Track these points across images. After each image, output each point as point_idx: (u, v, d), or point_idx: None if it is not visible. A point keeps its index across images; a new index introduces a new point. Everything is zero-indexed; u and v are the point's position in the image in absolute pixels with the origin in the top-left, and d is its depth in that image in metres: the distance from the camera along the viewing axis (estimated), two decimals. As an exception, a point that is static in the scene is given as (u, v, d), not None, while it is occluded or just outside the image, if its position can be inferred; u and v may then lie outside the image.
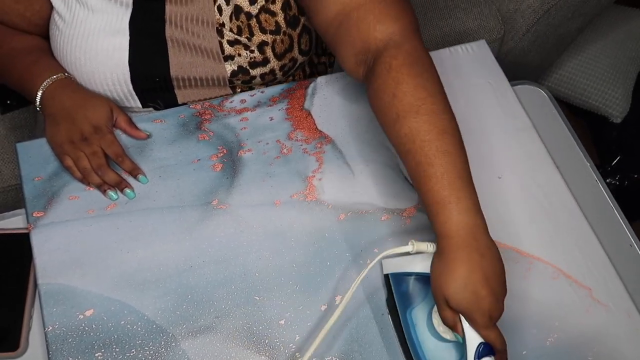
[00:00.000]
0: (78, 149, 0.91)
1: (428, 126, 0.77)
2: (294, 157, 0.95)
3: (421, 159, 0.77)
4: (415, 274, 0.83)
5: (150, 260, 0.86)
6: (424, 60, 0.82)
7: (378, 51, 0.83)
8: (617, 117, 1.78)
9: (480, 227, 0.75)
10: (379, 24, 0.83)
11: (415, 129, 0.77)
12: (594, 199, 0.95)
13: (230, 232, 0.89)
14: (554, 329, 0.86)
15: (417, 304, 0.83)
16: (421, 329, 0.82)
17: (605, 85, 1.74)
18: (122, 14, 0.95)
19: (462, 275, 0.72)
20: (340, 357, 0.82)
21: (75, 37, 0.95)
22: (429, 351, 0.80)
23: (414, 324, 0.82)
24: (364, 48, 0.85)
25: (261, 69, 0.98)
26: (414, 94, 0.79)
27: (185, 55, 0.96)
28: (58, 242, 0.87)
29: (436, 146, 0.76)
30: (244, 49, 0.96)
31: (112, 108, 0.95)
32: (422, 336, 0.81)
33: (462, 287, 0.72)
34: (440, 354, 0.81)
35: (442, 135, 0.77)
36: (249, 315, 0.84)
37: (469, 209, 0.75)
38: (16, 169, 1.23)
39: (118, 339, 0.81)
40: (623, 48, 1.77)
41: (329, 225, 0.90)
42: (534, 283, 0.89)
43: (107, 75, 0.96)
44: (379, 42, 0.83)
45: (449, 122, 0.79)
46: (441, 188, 0.75)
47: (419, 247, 0.80)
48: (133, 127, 0.96)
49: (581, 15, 1.40)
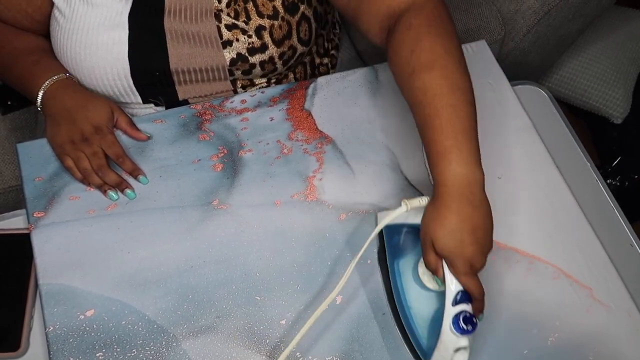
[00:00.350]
0: (78, 150, 0.91)
1: (441, 81, 0.78)
2: (294, 157, 0.95)
3: (429, 112, 0.78)
4: (407, 226, 0.86)
5: (151, 261, 0.86)
6: (444, 21, 0.83)
7: (401, 14, 0.84)
8: (617, 118, 1.78)
9: (478, 181, 0.76)
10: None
11: (429, 82, 0.79)
12: (595, 200, 0.95)
13: (231, 232, 0.89)
14: (555, 328, 0.86)
15: (405, 255, 0.87)
16: (406, 278, 0.85)
17: (605, 85, 1.74)
18: (121, 8, 0.95)
19: (452, 222, 0.75)
20: (341, 357, 0.82)
21: (75, 32, 0.95)
22: (412, 299, 0.84)
23: (400, 273, 0.85)
24: (389, 14, 0.85)
25: (260, 55, 0.98)
26: (431, 50, 0.80)
27: (184, 47, 0.96)
28: (59, 243, 0.87)
29: (446, 100, 0.77)
30: (242, 33, 0.96)
31: (113, 109, 0.95)
32: (407, 285, 0.85)
33: (448, 233, 0.75)
34: (422, 302, 0.84)
35: (454, 91, 0.78)
36: (250, 315, 0.84)
37: (468, 162, 0.76)
38: (17, 170, 1.23)
39: (119, 339, 0.81)
40: (623, 49, 1.77)
41: (330, 225, 0.90)
42: (534, 283, 0.89)
43: (107, 70, 0.96)
44: (403, 4, 0.84)
45: (462, 79, 0.80)
46: (444, 139, 0.76)
47: (412, 204, 0.82)
48: (134, 128, 0.96)
49: (582, 16, 1.40)
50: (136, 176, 0.92)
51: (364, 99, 1.02)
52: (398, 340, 0.83)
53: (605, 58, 1.76)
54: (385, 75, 1.04)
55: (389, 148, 0.97)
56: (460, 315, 0.76)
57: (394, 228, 0.88)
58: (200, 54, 0.97)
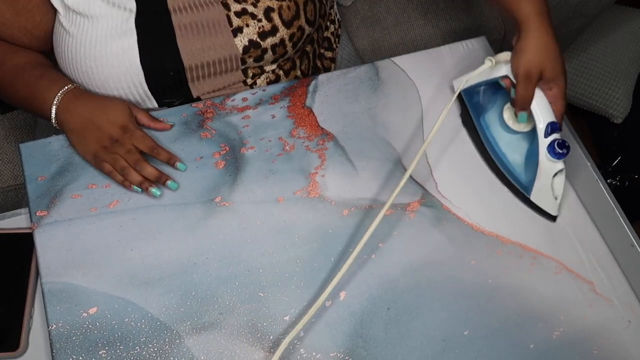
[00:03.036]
0: (112, 152, 0.91)
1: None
2: (296, 154, 0.95)
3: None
4: (484, 84, 0.97)
5: (153, 258, 0.86)
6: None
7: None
8: (617, 118, 1.78)
9: (548, 12, 0.90)
10: None
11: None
12: (595, 199, 0.95)
13: (234, 229, 0.89)
14: (560, 322, 0.86)
15: (487, 109, 0.98)
16: (494, 128, 0.97)
17: (605, 85, 1.75)
18: (127, 15, 0.95)
19: (545, 43, 0.88)
20: (345, 353, 0.82)
21: (83, 46, 0.94)
22: (504, 144, 0.96)
23: (488, 126, 0.97)
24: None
25: (271, 39, 0.98)
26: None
27: (195, 41, 0.96)
28: (61, 241, 0.86)
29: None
30: (251, 18, 0.97)
31: (129, 106, 0.95)
32: (496, 134, 0.97)
33: (558, 56, 0.88)
34: (513, 145, 0.95)
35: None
36: (253, 311, 0.83)
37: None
38: (16, 170, 1.23)
39: (122, 336, 0.81)
40: (623, 48, 1.78)
41: (333, 221, 0.90)
42: (538, 277, 0.89)
43: (122, 79, 0.96)
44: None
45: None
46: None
47: (498, 58, 0.93)
48: (155, 121, 0.96)
49: (582, 15, 1.41)
50: (174, 164, 0.92)
51: (365, 95, 1.02)
52: (402, 335, 0.83)
53: (605, 58, 1.76)
54: (386, 72, 1.04)
55: (390, 144, 0.97)
56: (554, 142, 0.87)
57: (470, 90, 0.99)
58: (212, 46, 0.97)
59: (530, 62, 0.88)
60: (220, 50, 0.97)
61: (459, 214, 0.93)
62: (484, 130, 0.97)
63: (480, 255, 0.90)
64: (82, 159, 0.93)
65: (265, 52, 0.99)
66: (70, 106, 0.93)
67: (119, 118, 0.93)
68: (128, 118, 0.93)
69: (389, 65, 1.05)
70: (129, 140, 0.92)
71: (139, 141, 0.92)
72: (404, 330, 0.84)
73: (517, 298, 0.87)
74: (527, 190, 0.92)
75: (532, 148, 0.92)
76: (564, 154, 0.88)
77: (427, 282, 0.87)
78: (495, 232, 0.92)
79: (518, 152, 0.95)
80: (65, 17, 0.95)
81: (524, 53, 0.88)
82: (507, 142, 0.96)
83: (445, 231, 0.91)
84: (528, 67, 0.88)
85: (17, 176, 1.24)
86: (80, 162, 0.92)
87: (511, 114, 0.94)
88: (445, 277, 0.88)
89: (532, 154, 0.91)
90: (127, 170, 0.90)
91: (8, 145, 1.26)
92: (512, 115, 0.94)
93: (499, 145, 0.96)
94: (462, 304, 0.86)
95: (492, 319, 0.85)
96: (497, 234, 0.92)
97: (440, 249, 0.89)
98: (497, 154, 0.95)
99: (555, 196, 0.91)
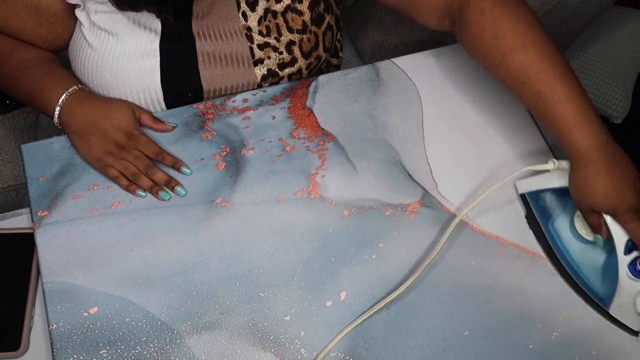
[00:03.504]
0: (121, 158, 0.91)
1: (539, 56, 0.81)
2: (296, 154, 0.96)
3: (541, 88, 0.81)
4: (549, 190, 0.91)
5: (154, 258, 0.86)
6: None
7: (463, 0, 0.85)
8: (617, 118, 1.78)
9: (611, 138, 0.81)
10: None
11: (527, 60, 0.81)
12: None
13: (235, 229, 0.89)
14: (559, 323, 0.86)
15: (557, 215, 0.92)
16: (564, 236, 0.90)
17: (605, 85, 1.75)
18: (152, 37, 0.95)
19: (605, 185, 0.79)
20: (346, 353, 0.82)
21: (105, 62, 0.95)
22: (576, 254, 0.89)
23: (558, 233, 0.91)
24: (447, 2, 0.87)
25: (289, 69, 1.00)
26: (514, 30, 0.82)
27: (216, 68, 0.97)
28: (62, 241, 0.87)
29: (553, 73, 0.81)
30: (273, 51, 0.98)
31: (133, 109, 0.95)
32: (567, 242, 0.90)
33: (606, 196, 0.80)
34: (587, 255, 0.89)
35: (555, 61, 0.81)
36: (254, 311, 0.84)
37: (598, 127, 0.80)
38: (16, 170, 1.23)
39: (123, 336, 0.81)
40: (623, 49, 1.78)
41: (333, 221, 0.90)
42: (536, 278, 0.90)
43: (140, 96, 0.96)
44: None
45: (554, 45, 0.82)
46: (570, 112, 0.80)
47: (561, 165, 0.87)
48: (158, 122, 0.96)
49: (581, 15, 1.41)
50: (179, 168, 0.92)
51: (365, 96, 1.02)
52: (403, 335, 0.84)
53: (604, 58, 1.76)
54: (387, 73, 1.04)
55: (391, 144, 0.98)
56: (636, 260, 0.82)
57: (536, 194, 0.92)
58: (233, 74, 0.98)
59: (577, 199, 0.84)
60: (240, 77, 0.98)
61: (459, 214, 0.93)
62: (553, 237, 0.91)
63: (480, 256, 0.90)
64: (83, 160, 0.93)
65: (282, 79, 1.01)
66: (74, 108, 0.93)
67: (124, 123, 0.93)
68: (133, 123, 0.94)
69: (389, 66, 1.05)
70: (135, 146, 0.92)
71: (145, 147, 0.93)
72: (405, 330, 0.84)
73: (516, 299, 0.87)
74: (606, 304, 0.86)
75: (609, 261, 0.87)
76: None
77: (427, 282, 0.87)
78: (494, 233, 0.92)
79: (593, 263, 0.89)
80: (90, 31, 0.95)
81: (572, 188, 0.83)
82: (580, 251, 0.90)
83: (445, 232, 0.91)
84: (577, 202, 0.84)
85: (18, 176, 1.24)
86: (82, 163, 0.93)
87: (584, 223, 0.88)
88: (445, 277, 0.88)
89: (610, 268, 0.86)
90: (138, 176, 0.91)
91: (9, 145, 1.26)
92: (585, 224, 0.88)
93: (570, 254, 0.90)
94: (462, 304, 0.86)
95: (491, 320, 0.86)
96: (497, 235, 0.92)
97: (440, 250, 0.89)
98: (569, 264, 0.89)
99: (638, 312, 0.85)
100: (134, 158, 0.92)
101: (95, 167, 0.92)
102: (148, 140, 0.94)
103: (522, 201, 0.94)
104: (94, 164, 0.92)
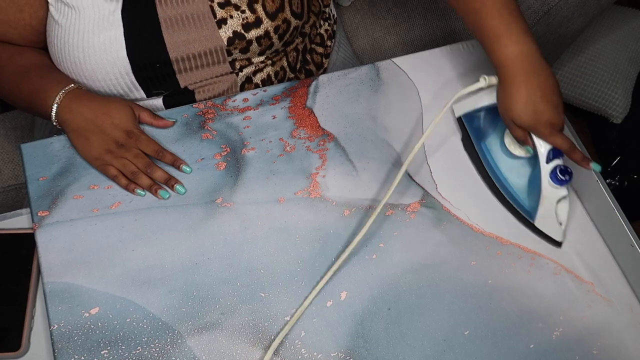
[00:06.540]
0: (120, 157, 0.91)
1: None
2: (297, 154, 0.96)
3: (477, 5, 0.87)
4: (484, 109, 0.96)
5: (155, 258, 0.86)
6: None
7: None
8: (617, 118, 1.78)
9: (533, 50, 0.85)
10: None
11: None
12: (595, 199, 0.95)
13: (235, 229, 0.89)
14: (559, 323, 0.86)
15: (488, 134, 0.97)
16: (495, 153, 0.96)
17: (605, 85, 1.75)
18: (113, 7, 0.95)
19: (522, 97, 0.84)
20: (346, 353, 0.82)
21: (71, 37, 0.95)
22: (506, 170, 0.94)
23: (489, 150, 0.96)
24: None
25: (255, 31, 0.99)
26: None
27: (180, 34, 0.97)
28: (63, 241, 0.87)
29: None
30: (235, 9, 0.97)
31: (132, 107, 0.95)
32: (498, 159, 0.95)
33: (523, 107, 0.84)
34: (515, 170, 0.94)
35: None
36: (255, 311, 0.84)
37: (519, 38, 0.85)
38: (16, 169, 1.23)
39: (124, 336, 0.81)
40: (623, 49, 1.78)
41: (334, 221, 0.91)
42: (537, 278, 0.90)
43: (109, 70, 0.96)
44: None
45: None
46: (496, 24, 0.85)
47: (491, 80, 0.90)
48: (157, 119, 0.96)
49: (581, 15, 1.41)
50: (179, 166, 0.93)
51: (366, 96, 1.02)
52: (403, 335, 0.84)
53: (604, 58, 1.76)
54: (387, 73, 1.04)
55: (391, 144, 0.98)
56: (556, 168, 0.86)
57: (472, 115, 0.97)
58: (197, 38, 0.97)
59: (501, 112, 0.88)
60: (205, 42, 0.98)
61: (458, 214, 0.93)
62: (485, 155, 0.95)
63: (480, 256, 0.90)
64: (83, 160, 0.93)
65: (250, 43, 0.99)
66: (72, 106, 0.93)
67: (123, 121, 0.93)
68: (132, 121, 0.94)
69: (389, 66, 1.05)
70: (134, 144, 0.92)
71: (144, 145, 0.93)
72: (405, 330, 0.84)
73: (517, 298, 0.88)
74: (531, 216, 0.91)
75: (534, 174, 0.91)
76: (566, 180, 0.87)
77: (428, 282, 0.87)
78: (494, 232, 0.92)
79: (520, 178, 0.94)
80: (55, 7, 0.95)
81: (498, 101, 0.88)
82: (509, 167, 0.94)
83: (446, 232, 0.91)
84: (501, 114, 0.88)
85: (18, 176, 1.24)
86: (82, 163, 0.93)
87: (512, 139, 0.93)
88: (445, 277, 0.88)
89: (534, 180, 0.90)
90: (137, 174, 0.91)
91: (9, 144, 1.26)
92: (513, 140, 0.92)
93: (500, 171, 0.94)
94: (463, 304, 0.87)
95: (492, 319, 0.86)
96: (497, 235, 0.92)
97: (441, 250, 0.89)
98: (500, 179, 0.94)
99: (559, 222, 0.90)
100: (134, 156, 0.92)
101: (95, 166, 0.92)
102: (147, 138, 0.94)
103: (458, 125, 0.99)
104: (93, 162, 0.92)
